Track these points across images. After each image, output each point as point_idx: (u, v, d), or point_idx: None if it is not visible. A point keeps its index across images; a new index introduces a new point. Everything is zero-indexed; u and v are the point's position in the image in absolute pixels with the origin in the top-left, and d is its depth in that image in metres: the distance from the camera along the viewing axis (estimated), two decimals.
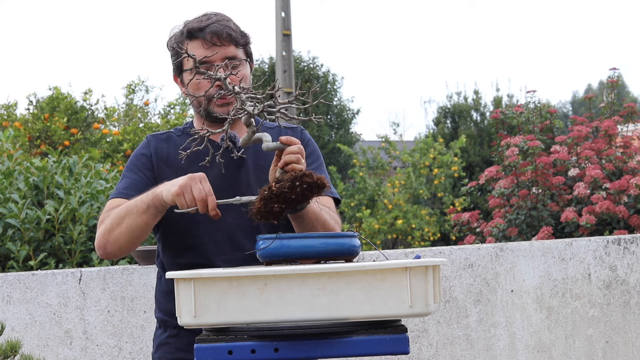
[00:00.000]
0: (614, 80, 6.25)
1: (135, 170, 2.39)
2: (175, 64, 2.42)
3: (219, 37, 2.34)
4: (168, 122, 10.57)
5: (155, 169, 2.39)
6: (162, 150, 2.41)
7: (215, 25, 2.35)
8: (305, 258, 1.97)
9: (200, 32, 2.35)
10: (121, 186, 2.37)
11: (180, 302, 1.84)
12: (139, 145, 2.45)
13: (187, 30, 2.36)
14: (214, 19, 2.37)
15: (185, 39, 2.37)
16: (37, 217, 4.30)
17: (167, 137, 2.45)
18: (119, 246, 2.27)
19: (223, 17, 2.39)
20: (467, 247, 3.91)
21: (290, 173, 2.02)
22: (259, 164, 2.39)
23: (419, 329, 3.84)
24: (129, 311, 3.67)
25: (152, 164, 2.39)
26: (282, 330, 1.84)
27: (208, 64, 2.33)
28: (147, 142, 2.44)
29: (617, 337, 3.96)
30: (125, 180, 2.39)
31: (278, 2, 14.03)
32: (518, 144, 5.66)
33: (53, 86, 10.66)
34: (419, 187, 14.58)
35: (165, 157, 2.40)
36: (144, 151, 2.41)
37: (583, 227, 5.10)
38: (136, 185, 2.35)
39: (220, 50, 2.35)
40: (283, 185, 1.98)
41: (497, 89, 24.48)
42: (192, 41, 2.36)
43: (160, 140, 2.44)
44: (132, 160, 2.43)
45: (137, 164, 2.40)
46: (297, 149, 2.09)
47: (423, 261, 1.82)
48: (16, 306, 3.63)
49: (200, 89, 2.35)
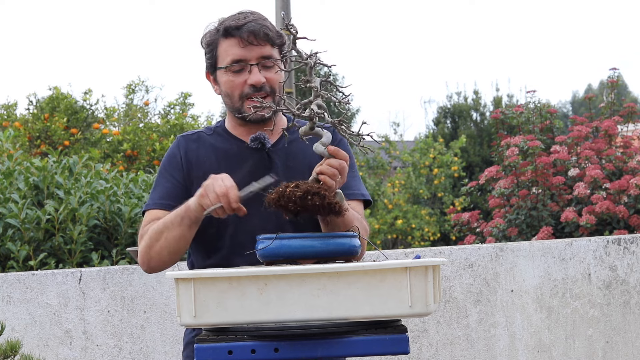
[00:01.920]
0: (614, 80, 6.26)
1: (167, 176, 2.39)
2: (209, 62, 2.40)
3: (255, 36, 2.33)
4: (168, 122, 10.57)
5: (185, 170, 2.38)
6: (191, 150, 2.40)
7: (253, 24, 2.33)
8: (305, 258, 1.97)
9: (237, 31, 2.33)
10: (156, 196, 2.38)
11: (180, 302, 1.84)
12: (169, 147, 2.45)
13: (224, 28, 2.35)
14: (251, 17, 2.35)
15: (221, 37, 2.35)
16: (37, 217, 4.30)
17: (197, 137, 2.43)
18: (162, 260, 2.30)
19: (260, 17, 2.38)
20: (467, 247, 3.91)
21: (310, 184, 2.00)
22: (289, 165, 2.37)
23: (419, 329, 3.84)
24: (129, 311, 3.67)
25: (181, 165, 2.38)
26: (282, 330, 1.84)
27: (243, 62, 2.33)
28: (177, 144, 2.43)
29: (617, 337, 3.96)
30: (158, 189, 2.39)
31: (278, 2, 14.04)
32: (518, 144, 5.66)
33: (53, 86, 10.67)
34: (419, 187, 14.59)
35: (194, 158, 2.39)
36: (174, 153, 2.41)
37: (583, 227, 5.11)
38: (169, 193, 2.36)
39: (257, 49, 2.33)
40: (295, 192, 1.98)
41: (497, 89, 24.50)
42: (228, 39, 2.34)
43: (190, 140, 2.42)
44: (163, 164, 2.43)
45: (168, 168, 2.40)
46: (338, 164, 2.05)
47: (423, 261, 1.82)
48: (16, 306, 3.63)
49: (234, 88, 2.35)
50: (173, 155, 2.41)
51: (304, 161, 2.37)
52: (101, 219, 4.46)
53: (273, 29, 2.37)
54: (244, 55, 2.33)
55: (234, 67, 2.34)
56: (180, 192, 2.34)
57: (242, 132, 2.40)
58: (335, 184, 2.04)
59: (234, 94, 2.35)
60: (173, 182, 2.37)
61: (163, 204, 2.34)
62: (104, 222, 4.46)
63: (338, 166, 2.05)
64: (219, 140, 2.41)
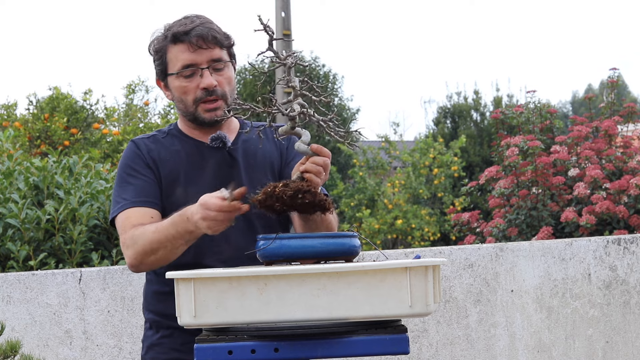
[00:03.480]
0: (614, 80, 6.25)
1: (136, 175, 2.35)
2: (158, 68, 2.41)
3: (204, 39, 2.35)
4: (168, 122, 10.57)
5: (153, 168, 2.37)
6: (152, 150, 2.39)
7: (200, 29, 2.35)
8: (305, 258, 1.97)
9: (186, 36, 2.35)
10: (128, 195, 2.33)
11: (180, 302, 1.84)
12: (125, 153, 2.40)
13: (172, 34, 2.36)
14: (198, 22, 2.37)
15: (170, 43, 2.37)
16: (37, 217, 4.30)
17: (154, 139, 2.43)
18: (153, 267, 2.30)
19: (206, 20, 2.40)
20: (467, 247, 3.91)
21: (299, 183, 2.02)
22: (250, 163, 2.41)
23: (419, 329, 3.84)
24: (129, 311, 3.67)
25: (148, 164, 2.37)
26: (282, 330, 1.84)
27: (194, 67, 2.35)
28: (135, 146, 2.40)
29: (617, 337, 3.96)
30: (129, 189, 2.34)
31: (278, 2, 14.03)
32: (518, 144, 5.66)
33: (53, 86, 10.67)
34: (419, 187, 14.58)
35: (157, 157, 2.38)
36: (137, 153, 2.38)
37: (583, 227, 5.10)
38: (143, 190, 2.33)
39: (206, 52, 2.35)
40: (285, 192, 1.99)
41: (497, 89, 24.46)
42: (177, 45, 2.36)
43: (147, 141, 2.42)
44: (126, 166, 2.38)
45: (134, 167, 2.36)
46: (322, 161, 2.07)
47: (423, 261, 1.82)
48: (16, 306, 3.63)
49: (186, 93, 2.36)
50: (136, 155, 2.38)
51: (263, 159, 2.41)
52: (101, 219, 4.45)
53: (220, 32, 2.39)
54: (194, 59, 2.35)
55: (185, 72, 2.36)
56: (153, 188, 2.33)
57: (198, 134, 2.42)
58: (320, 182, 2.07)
59: (187, 98, 2.37)
60: (145, 180, 2.35)
61: (137, 202, 2.31)
62: (104, 222, 4.46)
63: (322, 164, 2.07)
64: (177, 142, 2.42)
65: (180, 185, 2.36)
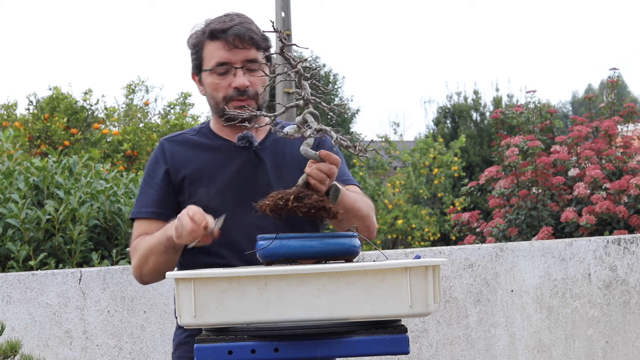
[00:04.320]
0: (614, 80, 6.25)
1: (150, 183, 2.41)
2: (194, 63, 2.42)
3: (241, 39, 2.34)
4: (168, 122, 10.57)
5: (170, 173, 2.39)
6: (177, 152, 2.41)
7: (238, 28, 2.34)
8: (305, 258, 1.97)
9: (223, 34, 2.34)
10: (141, 203, 2.41)
11: (180, 302, 1.84)
12: (152, 153, 2.45)
13: (210, 31, 2.36)
14: (237, 20, 2.36)
15: (207, 39, 2.37)
16: (37, 217, 4.30)
17: (182, 139, 2.45)
18: (154, 277, 2.34)
19: (246, 20, 2.39)
20: (467, 247, 3.91)
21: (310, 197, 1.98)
22: (277, 162, 2.39)
23: (419, 329, 3.84)
24: (129, 311, 3.67)
25: (166, 170, 2.39)
26: (282, 330, 1.84)
27: (228, 65, 2.34)
28: (161, 147, 2.43)
29: (617, 337, 3.96)
30: (142, 197, 2.42)
31: (278, 2, 14.04)
32: (518, 144, 5.66)
33: (53, 86, 10.67)
34: (419, 187, 14.59)
35: (181, 159, 2.40)
36: (157, 158, 2.42)
37: (583, 227, 5.10)
38: (153, 201, 2.38)
39: (242, 52, 2.35)
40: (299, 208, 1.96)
41: (497, 89, 24.49)
42: (214, 41, 2.36)
43: (174, 142, 2.44)
44: (147, 170, 2.44)
45: (151, 174, 2.42)
46: (327, 169, 2.02)
47: (423, 261, 1.82)
48: (16, 306, 3.63)
49: (218, 90, 2.36)
50: (156, 160, 2.42)
51: (292, 159, 2.38)
52: (101, 219, 4.45)
53: (258, 33, 2.38)
54: (228, 58, 2.35)
55: (218, 70, 2.36)
56: (165, 197, 2.37)
57: (228, 132, 2.41)
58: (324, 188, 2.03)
59: (218, 96, 2.37)
60: (156, 189, 2.39)
61: (148, 212, 2.38)
62: (104, 222, 4.46)
63: (327, 171, 2.02)
64: (205, 140, 2.42)
65: (204, 184, 2.36)
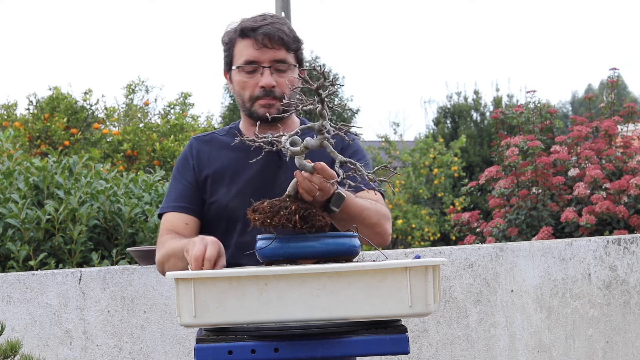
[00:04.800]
0: (614, 80, 6.25)
1: (180, 179, 2.44)
2: (225, 60, 2.44)
3: (270, 39, 2.35)
4: (168, 122, 10.57)
5: (196, 170, 2.43)
6: (203, 152, 2.45)
7: (269, 27, 2.36)
8: (305, 258, 1.97)
9: (253, 32, 2.36)
10: (170, 198, 2.43)
11: (180, 302, 1.84)
12: (182, 151, 2.50)
13: (241, 29, 2.38)
14: (269, 20, 2.38)
15: (238, 36, 2.39)
16: (37, 217, 4.30)
17: (210, 138, 2.48)
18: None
19: (278, 20, 2.40)
20: (467, 247, 3.91)
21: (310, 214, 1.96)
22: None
23: (419, 329, 3.84)
24: (129, 311, 3.67)
25: (193, 167, 2.43)
26: (282, 330, 1.84)
27: (256, 64, 2.36)
28: (190, 145, 2.48)
29: (617, 337, 3.96)
30: (172, 192, 2.45)
31: (278, 2, 14.04)
32: (518, 144, 5.65)
33: (53, 86, 10.66)
34: (419, 187, 14.58)
35: (206, 158, 2.43)
36: (186, 155, 2.47)
37: (583, 227, 5.10)
38: (182, 195, 2.41)
39: (270, 52, 2.36)
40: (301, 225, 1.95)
41: (497, 89, 24.45)
42: (244, 40, 2.38)
43: (202, 142, 2.48)
44: (176, 167, 2.48)
45: (180, 170, 2.46)
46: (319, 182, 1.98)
47: (423, 261, 1.82)
48: (16, 306, 3.63)
49: (245, 89, 2.38)
50: (185, 157, 2.47)
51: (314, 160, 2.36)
52: (101, 219, 4.45)
53: (290, 34, 2.39)
54: (257, 57, 2.36)
55: (246, 68, 2.37)
56: (193, 193, 2.40)
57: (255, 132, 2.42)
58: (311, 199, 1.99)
59: (245, 94, 2.39)
60: (185, 184, 2.42)
61: (177, 207, 2.40)
62: (104, 222, 4.46)
63: (319, 184, 1.99)
64: (231, 140, 2.43)
65: (225, 184, 2.39)
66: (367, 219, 2.21)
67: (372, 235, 2.24)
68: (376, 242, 2.26)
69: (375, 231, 2.25)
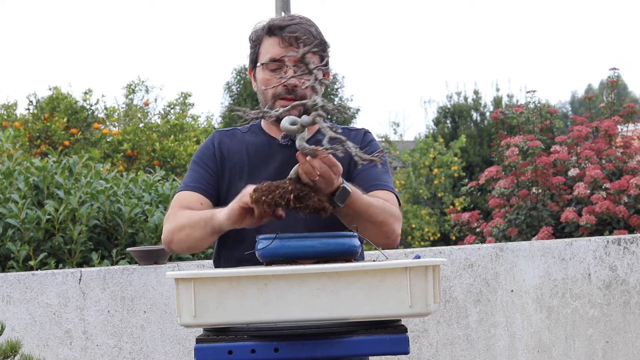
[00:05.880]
0: (614, 80, 6.25)
1: (200, 164, 2.44)
2: (251, 57, 2.46)
3: (296, 38, 2.36)
4: (168, 122, 10.57)
5: (218, 160, 2.44)
6: (224, 144, 2.46)
7: (296, 27, 2.37)
8: (305, 258, 1.97)
9: (280, 30, 2.38)
10: (188, 180, 2.43)
11: (180, 302, 1.84)
12: (204, 141, 2.51)
13: (269, 26, 2.40)
14: (297, 20, 2.40)
15: (265, 34, 2.41)
16: (37, 217, 4.30)
17: (232, 133, 2.50)
18: (181, 248, 2.34)
19: (307, 21, 2.42)
20: (467, 247, 3.91)
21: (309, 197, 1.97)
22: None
23: (419, 329, 3.84)
24: (129, 311, 3.67)
25: (215, 156, 2.44)
26: (282, 330, 1.84)
27: (280, 63, 2.37)
28: (212, 137, 2.49)
29: (617, 337, 3.96)
30: (191, 174, 2.44)
31: (278, 2, 14.04)
32: (518, 144, 5.65)
33: (53, 86, 10.67)
34: (419, 187, 14.58)
35: (227, 151, 2.44)
36: (209, 145, 2.48)
37: (583, 227, 5.10)
38: (201, 178, 2.41)
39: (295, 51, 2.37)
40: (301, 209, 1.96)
41: (497, 89, 24.44)
42: (271, 37, 2.40)
43: (224, 135, 2.49)
44: (197, 154, 2.48)
45: (202, 157, 2.45)
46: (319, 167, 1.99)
47: (423, 261, 1.82)
48: (16, 306, 3.63)
49: (268, 86, 2.38)
50: (207, 147, 2.47)
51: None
52: (101, 219, 4.45)
53: (317, 36, 2.40)
54: (282, 55, 2.37)
55: (271, 65, 2.39)
56: (213, 179, 2.40)
57: (275, 130, 2.44)
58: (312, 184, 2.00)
59: (267, 91, 2.39)
60: (206, 170, 2.43)
61: (194, 187, 2.39)
62: (104, 222, 4.46)
63: (319, 169, 1.99)
64: (252, 137, 2.45)
65: (243, 179, 2.39)
66: (374, 216, 2.19)
67: (379, 235, 2.21)
68: (383, 242, 2.23)
69: (382, 230, 2.21)
